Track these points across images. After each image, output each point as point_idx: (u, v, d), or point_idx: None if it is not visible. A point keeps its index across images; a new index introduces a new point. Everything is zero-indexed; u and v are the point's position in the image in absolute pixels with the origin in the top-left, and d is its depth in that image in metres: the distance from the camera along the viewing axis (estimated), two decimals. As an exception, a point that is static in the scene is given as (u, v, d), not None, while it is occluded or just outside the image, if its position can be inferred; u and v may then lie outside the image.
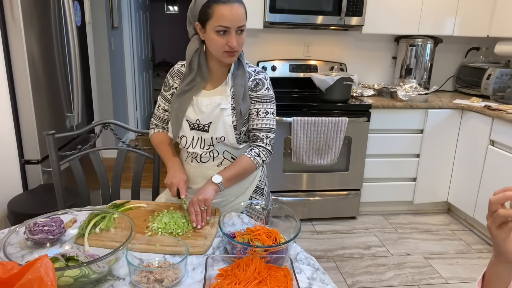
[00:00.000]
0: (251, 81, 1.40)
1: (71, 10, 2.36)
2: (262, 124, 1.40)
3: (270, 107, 1.42)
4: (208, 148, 1.41)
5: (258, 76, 1.42)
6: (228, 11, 1.25)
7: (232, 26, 1.26)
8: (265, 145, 1.40)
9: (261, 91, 1.40)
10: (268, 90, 1.42)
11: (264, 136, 1.40)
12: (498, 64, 3.31)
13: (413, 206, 3.29)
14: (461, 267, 2.53)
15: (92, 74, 2.93)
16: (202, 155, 1.42)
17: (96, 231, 1.15)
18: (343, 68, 3.35)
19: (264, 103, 1.40)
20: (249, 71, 1.41)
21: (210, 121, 1.37)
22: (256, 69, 1.44)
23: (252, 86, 1.40)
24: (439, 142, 3.06)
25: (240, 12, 1.26)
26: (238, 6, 1.26)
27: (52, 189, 1.64)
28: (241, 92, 1.36)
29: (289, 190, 2.99)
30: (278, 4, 2.83)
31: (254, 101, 1.40)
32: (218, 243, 1.18)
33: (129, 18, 4.86)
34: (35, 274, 0.70)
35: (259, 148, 1.39)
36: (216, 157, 1.42)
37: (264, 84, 1.41)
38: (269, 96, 1.42)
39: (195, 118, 1.38)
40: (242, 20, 1.28)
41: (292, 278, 0.94)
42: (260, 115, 1.40)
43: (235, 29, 1.27)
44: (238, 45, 1.30)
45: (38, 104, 2.11)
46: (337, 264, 2.53)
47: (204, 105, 1.37)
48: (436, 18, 3.10)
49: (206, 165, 1.43)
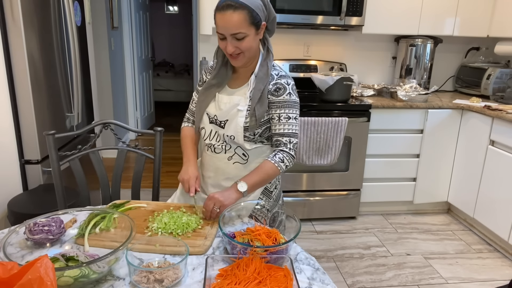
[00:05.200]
0: (272, 84, 1.41)
1: (71, 10, 2.36)
2: (284, 129, 1.41)
3: (293, 112, 1.41)
4: (222, 142, 1.46)
5: (280, 81, 1.41)
6: (221, 19, 1.28)
7: (225, 33, 1.29)
8: (288, 150, 1.41)
9: (282, 96, 1.40)
10: (290, 95, 1.41)
11: (287, 141, 1.41)
12: (498, 64, 3.31)
13: (413, 206, 3.29)
14: (461, 267, 2.53)
15: (92, 74, 2.93)
16: (216, 146, 1.48)
17: (96, 231, 1.15)
18: (343, 68, 3.35)
19: (285, 108, 1.40)
20: (272, 74, 1.42)
21: (226, 119, 1.42)
22: (279, 72, 1.44)
23: (272, 90, 1.40)
24: (439, 142, 3.06)
25: (233, 20, 1.26)
26: (232, 13, 1.26)
27: (52, 189, 1.64)
28: (257, 95, 1.37)
29: (289, 190, 2.99)
30: (278, 4, 2.83)
31: (275, 106, 1.41)
32: (218, 243, 1.18)
33: (129, 18, 4.86)
34: (35, 274, 0.70)
35: (283, 153, 1.40)
36: (228, 150, 1.47)
37: (285, 89, 1.40)
38: (291, 101, 1.41)
39: (214, 113, 1.45)
40: (235, 28, 1.28)
41: (292, 278, 0.94)
42: (282, 120, 1.40)
43: (230, 36, 1.30)
44: (240, 49, 1.32)
45: (38, 104, 2.11)
46: (337, 264, 2.53)
47: (223, 103, 1.43)
48: (436, 18, 3.10)
49: (218, 156, 1.49)
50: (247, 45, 1.32)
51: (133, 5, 4.93)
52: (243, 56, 1.35)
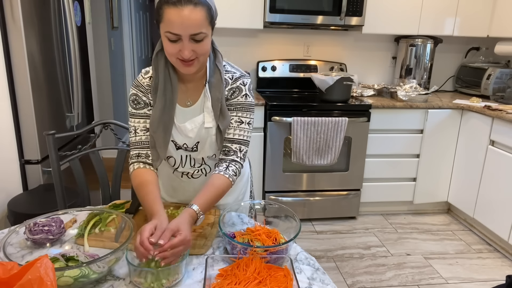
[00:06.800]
0: (227, 90, 1.24)
1: (71, 10, 2.36)
2: (234, 134, 1.24)
3: (246, 116, 1.25)
4: (199, 166, 1.31)
5: (236, 84, 1.24)
6: (176, 16, 1.03)
7: (182, 33, 1.06)
8: (239, 159, 1.24)
9: (236, 98, 1.24)
10: (246, 97, 1.24)
11: (237, 148, 1.24)
12: (498, 64, 3.31)
13: (413, 206, 3.29)
14: (461, 267, 2.53)
15: (92, 74, 2.93)
16: (194, 173, 1.33)
17: (96, 231, 1.15)
18: (343, 68, 3.35)
19: (238, 111, 1.24)
20: (226, 78, 1.24)
21: (197, 141, 1.26)
22: (234, 75, 1.25)
23: (228, 96, 1.24)
24: (439, 142, 3.06)
25: (194, 17, 1.04)
26: (192, 9, 1.03)
27: (52, 189, 1.64)
28: (217, 107, 1.21)
29: (289, 190, 2.99)
30: (278, 4, 2.83)
31: (228, 109, 1.24)
32: (218, 243, 1.18)
33: (129, 18, 4.86)
34: (35, 274, 0.70)
35: (235, 164, 1.23)
36: (209, 173, 1.33)
37: (241, 91, 1.24)
38: (246, 104, 1.24)
39: (181, 141, 1.26)
40: (196, 27, 1.05)
41: (292, 278, 0.94)
42: (233, 124, 1.24)
43: (188, 37, 1.07)
44: (196, 54, 1.10)
45: (38, 104, 2.11)
46: (337, 264, 2.53)
47: (189, 130, 1.24)
48: (436, 18, 3.10)
49: (197, 180, 1.34)
50: (205, 48, 1.12)
51: (133, 5, 4.93)
52: (197, 62, 1.14)
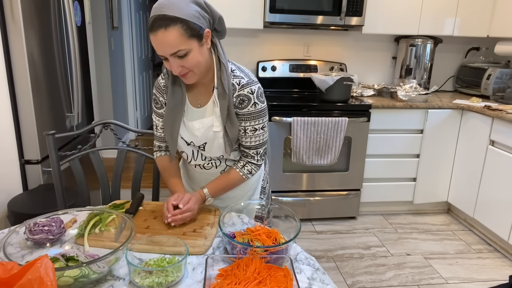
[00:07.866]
0: (235, 97, 1.29)
1: (71, 10, 2.36)
2: (251, 142, 1.36)
3: (259, 122, 1.33)
4: (210, 160, 1.42)
5: (243, 91, 1.28)
6: (153, 40, 1.14)
7: (163, 54, 1.16)
8: (256, 162, 1.39)
9: (247, 108, 1.29)
10: (255, 105, 1.29)
11: (254, 153, 1.38)
12: (498, 64, 3.31)
13: (413, 206, 3.29)
14: (461, 267, 2.53)
15: (92, 74, 2.93)
16: (205, 165, 1.43)
17: (96, 231, 1.15)
18: (343, 68, 3.35)
19: (251, 121, 1.32)
20: (233, 84, 1.28)
21: (205, 142, 1.35)
22: (241, 80, 1.28)
23: (236, 103, 1.29)
24: (439, 142, 3.06)
25: (166, 39, 1.12)
26: (163, 32, 1.11)
27: (52, 189, 1.64)
28: (224, 114, 1.27)
29: (289, 190, 2.99)
30: (278, 4, 2.83)
31: (240, 119, 1.32)
32: (218, 243, 1.18)
33: (129, 18, 4.86)
34: (35, 274, 0.70)
35: (251, 165, 1.39)
36: (219, 165, 1.43)
37: (250, 100, 1.28)
38: (257, 111, 1.31)
39: (189, 139, 1.36)
40: (172, 47, 1.13)
41: (292, 278, 0.94)
42: (248, 133, 1.34)
43: (170, 56, 1.16)
44: (186, 68, 1.19)
45: (38, 104, 2.11)
46: (337, 264, 2.53)
47: (196, 129, 1.33)
48: (436, 18, 3.10)
49: (209, 171, 1.45)
50: (193, 61, 1.18)
51: (133, 5, 4.93)
52: (192, 74, 1.22)
